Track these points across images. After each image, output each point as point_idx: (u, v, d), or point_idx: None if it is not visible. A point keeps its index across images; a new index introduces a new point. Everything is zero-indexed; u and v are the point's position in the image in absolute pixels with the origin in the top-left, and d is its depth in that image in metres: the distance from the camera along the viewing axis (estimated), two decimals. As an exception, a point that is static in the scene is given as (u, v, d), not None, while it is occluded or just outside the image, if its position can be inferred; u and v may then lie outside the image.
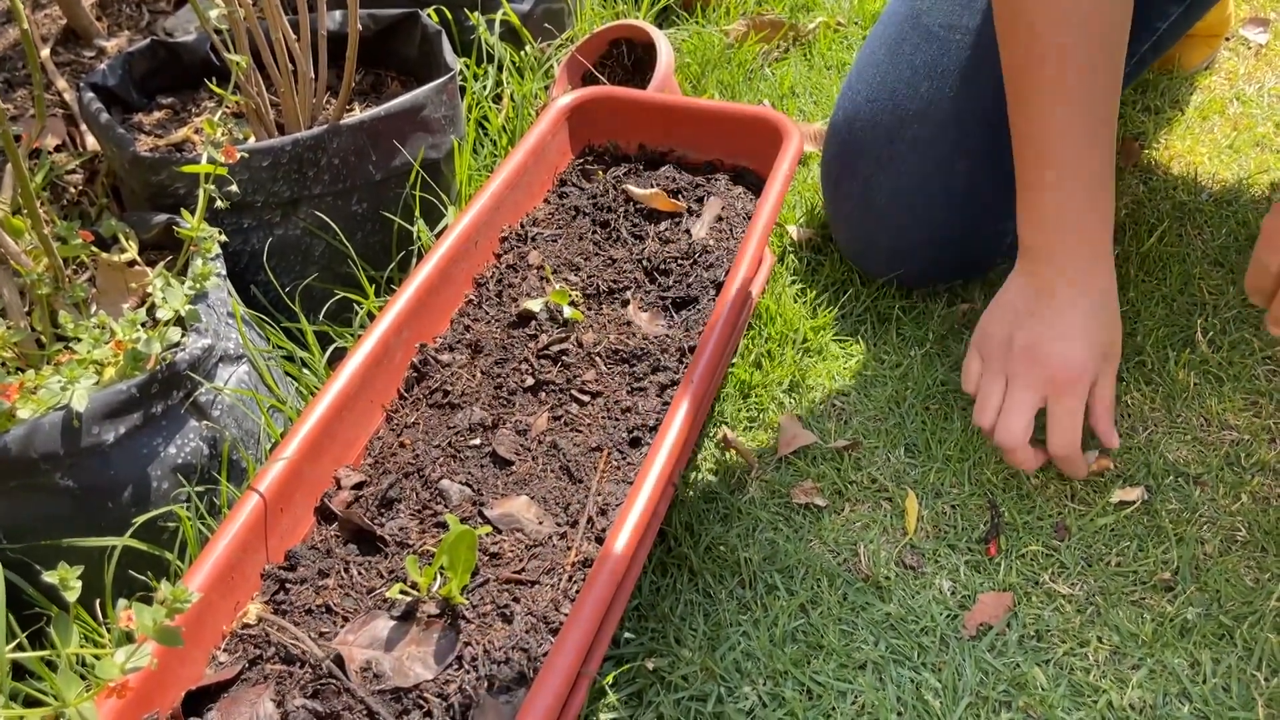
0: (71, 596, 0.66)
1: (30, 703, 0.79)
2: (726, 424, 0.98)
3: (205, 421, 0.83)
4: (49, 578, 0.65)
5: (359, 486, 0.81)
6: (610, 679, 0.80)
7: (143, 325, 0.84)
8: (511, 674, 0.68)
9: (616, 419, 0.85)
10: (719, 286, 0.95)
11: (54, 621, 0.66)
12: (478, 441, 0.84)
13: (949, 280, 1.09)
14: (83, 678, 0.70)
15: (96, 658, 0.75)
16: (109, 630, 0.79)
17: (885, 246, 1.05)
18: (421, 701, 0.66)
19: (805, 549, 0.89)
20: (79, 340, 0.82)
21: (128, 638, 0.66)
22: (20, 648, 0.77)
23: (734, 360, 1.02)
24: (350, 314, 1.06)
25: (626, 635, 0.83)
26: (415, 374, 0.90)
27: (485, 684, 0.67)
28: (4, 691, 0.67)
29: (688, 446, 0.88)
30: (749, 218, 1.05)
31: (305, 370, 0.98)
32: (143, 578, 0.80)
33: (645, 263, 1.00)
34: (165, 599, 0.60)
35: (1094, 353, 0.85)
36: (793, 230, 1.16)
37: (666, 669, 0.81)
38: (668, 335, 0.91)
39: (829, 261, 1.13)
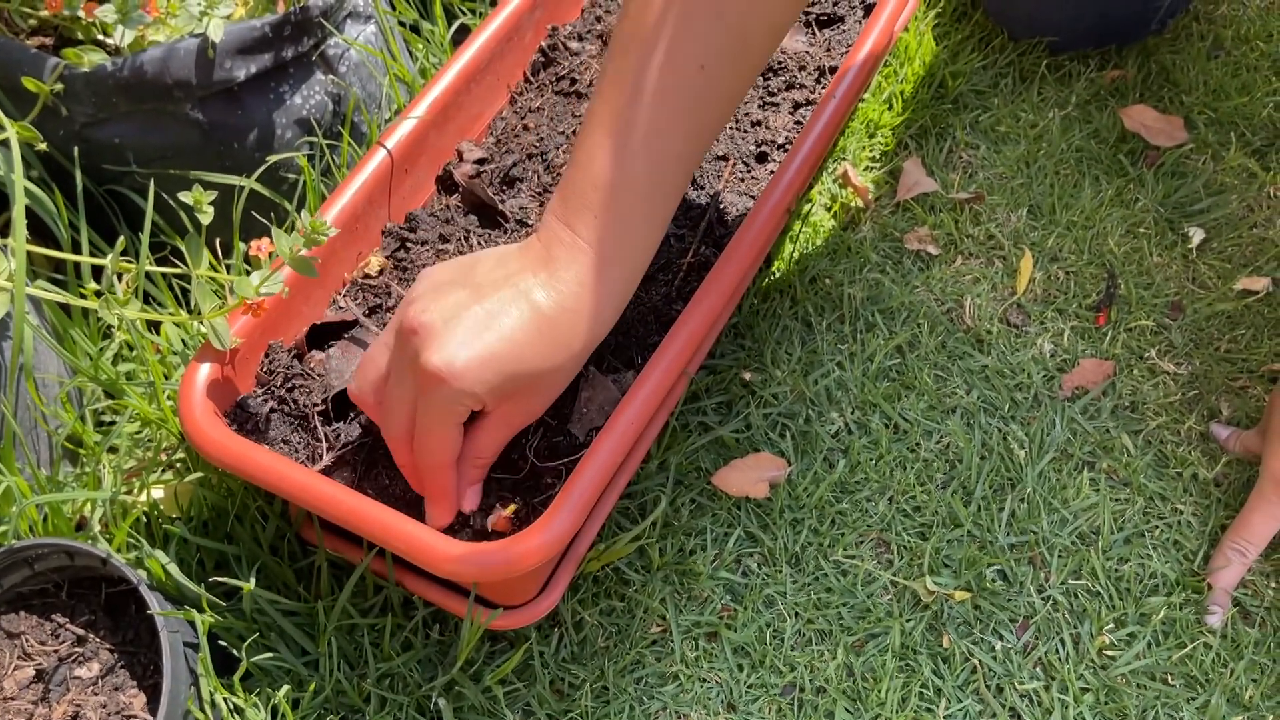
0: (205, 220, 0.67)
1: (149, 324, 0.82)
2: (848, 160, 0.95)
3: (331, 76, 0.82)
4: (185, 197, 0.66)
5: (481, 162, 0.80)
6: (704, 385, 0.81)
7: (274, -33, 0.81)
8: (621, 358, 0.69)
9: (745, 131, 0.83)
10: (869, 10, 0.90)
11: (186, 241, 0.67)
12: (602, 135, 0.82)
13: (1097, 46, 1.02)
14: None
15: (220, 285, 0.78)
16: (228, 269, 0.81)
17: (1025, 7, 0.98)
18: (532, 369, 0.67)
19: (910, 294, 0.88)
20: (212, -28, 0.79)
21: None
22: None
23: (863, 95, 0.98)
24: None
25: (722, 350, 0.84)
26: (543, 59, 0.87)
27: (594, 361, 0.68)
28: (139, 296, 0.70)
29: (812, 173, 0.86)
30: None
31: (429, 45, 0.96)
32: (263, 221, 0.82)
33: (789, -22, 0.94)
34: (304, 228, 0.61)
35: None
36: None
37: (759, 384, 0.82)
38: (807, 53, 0.87)
39: (979, 10, 1.06)
